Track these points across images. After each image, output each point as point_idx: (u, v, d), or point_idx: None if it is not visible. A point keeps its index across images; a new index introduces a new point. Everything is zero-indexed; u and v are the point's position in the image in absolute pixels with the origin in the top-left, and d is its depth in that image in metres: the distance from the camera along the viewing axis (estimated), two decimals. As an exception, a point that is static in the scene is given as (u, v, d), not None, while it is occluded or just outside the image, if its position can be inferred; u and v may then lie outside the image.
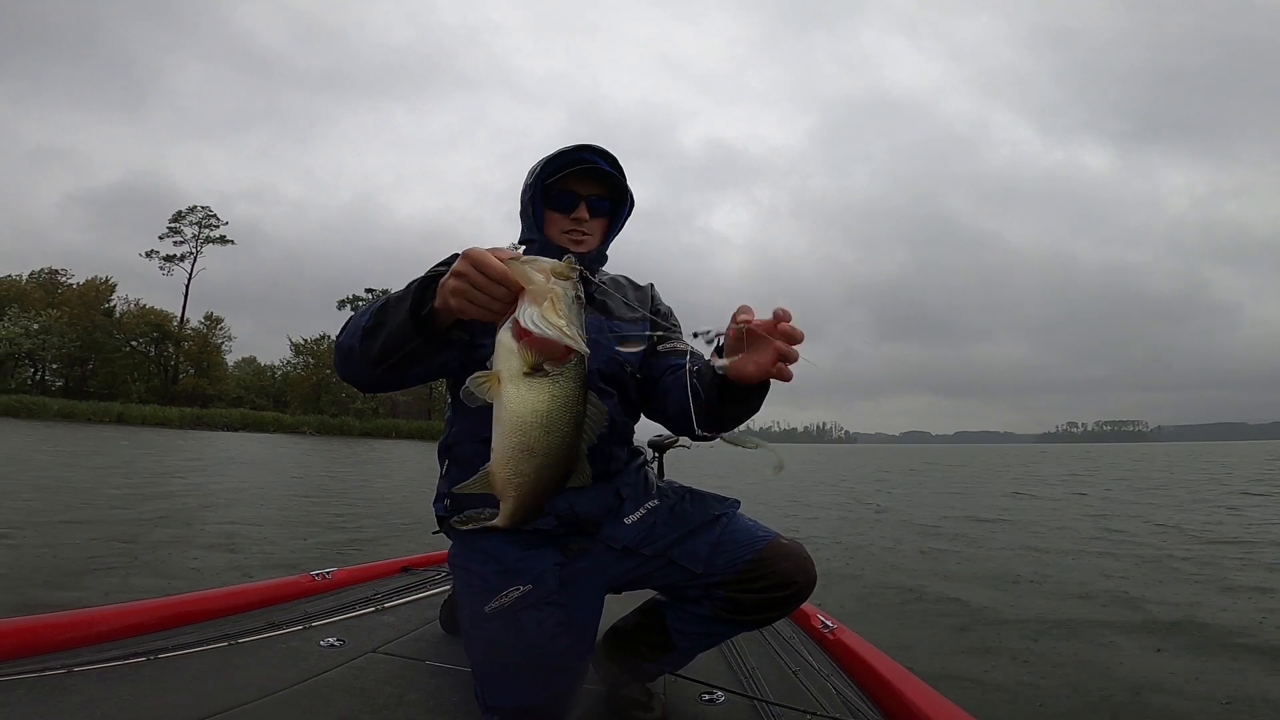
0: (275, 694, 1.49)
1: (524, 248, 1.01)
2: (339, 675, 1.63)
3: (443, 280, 1.02)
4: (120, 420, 37.16)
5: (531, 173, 1.50)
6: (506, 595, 1.34)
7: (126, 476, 10.20)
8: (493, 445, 0.96)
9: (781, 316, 1.04)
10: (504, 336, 0.91)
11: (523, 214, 1.53)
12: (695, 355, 1.37)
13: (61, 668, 1.47)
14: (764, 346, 1.06)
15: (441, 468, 1.54)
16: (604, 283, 1.57)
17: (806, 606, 2.11)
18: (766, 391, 1.19)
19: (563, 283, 0.91)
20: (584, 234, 1.51)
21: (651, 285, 1.68)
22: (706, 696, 1.65)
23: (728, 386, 1.16)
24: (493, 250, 0.95)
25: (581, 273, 0.98)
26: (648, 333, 1.52)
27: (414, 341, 1.11)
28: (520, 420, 0.91)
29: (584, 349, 0.92)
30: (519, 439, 0.92)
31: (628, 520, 1.47)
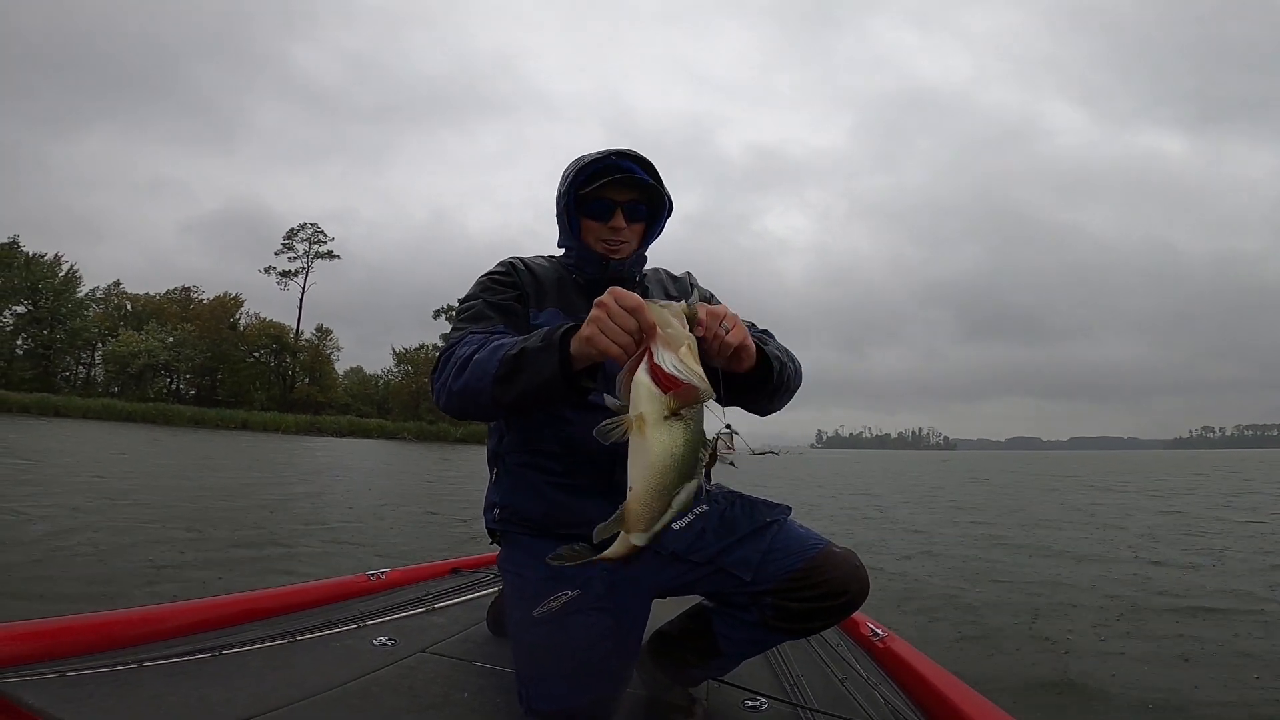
0: (329, 691, 1.54)
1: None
2: (389, 674, 1.67)
3: (583, 329, 1.07)
4: (244, 426, 40.60)
5: (564, 178, 1.50)
6: (554, 600, 1.35)
7: (243, 478, 11.08)
8: (632, 485, 0.98)
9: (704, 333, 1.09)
10: (646, 379, 0.94)
11: (559, 219, 1.54)
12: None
13: (132, 663, 1.55)
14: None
15: (491, 475, 1.57)
16: (644, 276, 1.59)
17: (855, 614, 2.03)
18: (760, 375, 1.28)
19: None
20: (621, 241, 1.50)
21: (689, 273, 1.68)
22: (750, 703, 1.61)
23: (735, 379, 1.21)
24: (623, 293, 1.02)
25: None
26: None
27: (560, 392, 1.14)
28: (661, 463, 0.94)
29: (710, 392, 0.95)
30: (658, 480, 0.95)
31: (675, 526, 1.43)
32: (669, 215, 1.56)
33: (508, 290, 1.47)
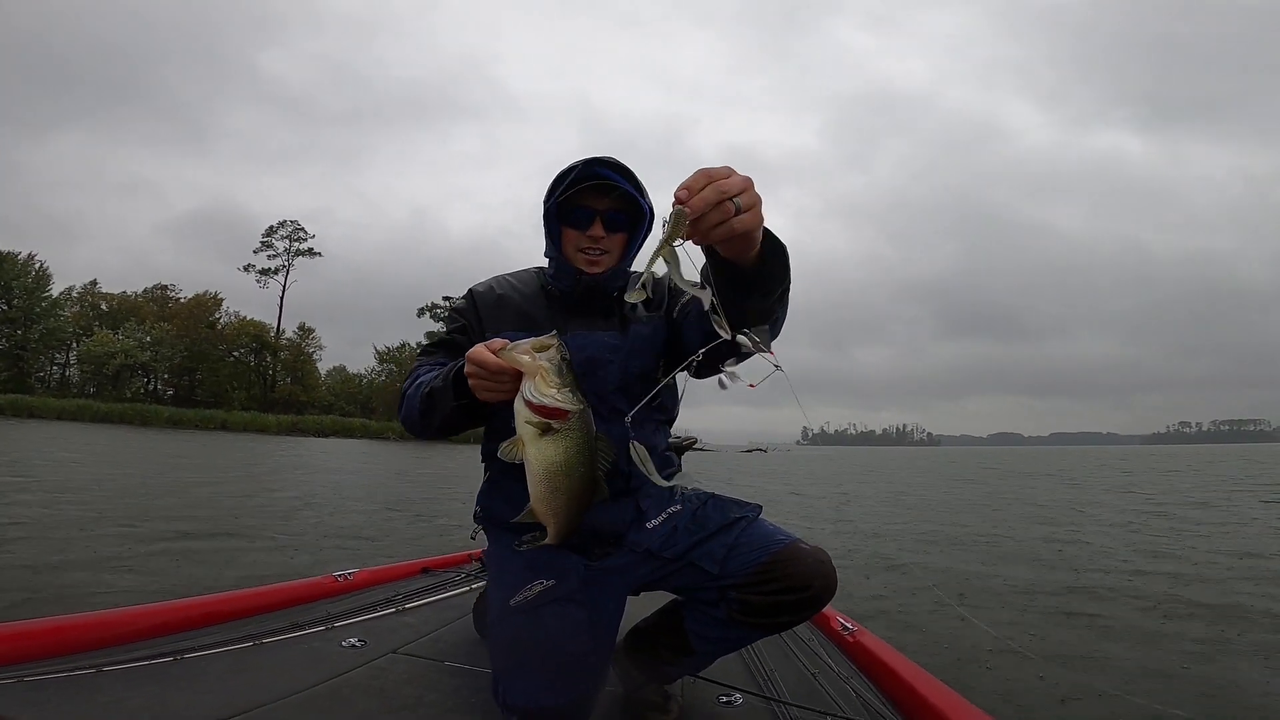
0: (297, 694, 1.52)
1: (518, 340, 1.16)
2: (360, 675, 1.66)
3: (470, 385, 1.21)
4: (224, 427, 40.05)
5: (549, 190, 1.49)
6: (530, 589, 1.37)
7: (219, 478, 10.93)
8: (529, 488, 1.17)
9: (683, 199, 0.94)
10: (518, 406, 1.13)
11: (544, 228, 1.54)
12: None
13: (90, 667, 1.52)
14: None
15: (484, 474, 1.62)
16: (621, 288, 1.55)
17: (826, 609, 2.07)
18: (776, 257, 1.11)
19: (547, 354, 1.11)
20: (600, 250, 1.49)
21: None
22: (724, 698, 1.64)
23: (736, 274, 1.07)
24: (487, 344, 1.15)
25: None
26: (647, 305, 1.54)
27: (467, 422, 1.35)
28: (544, 470, 1.14)
29: (573, 405, 1.11)
30: (547, 483, 1.16)
31: (649, 525, 1.50)
32: (650, 226, 1.51)
33: (457, 321, 1.57)
